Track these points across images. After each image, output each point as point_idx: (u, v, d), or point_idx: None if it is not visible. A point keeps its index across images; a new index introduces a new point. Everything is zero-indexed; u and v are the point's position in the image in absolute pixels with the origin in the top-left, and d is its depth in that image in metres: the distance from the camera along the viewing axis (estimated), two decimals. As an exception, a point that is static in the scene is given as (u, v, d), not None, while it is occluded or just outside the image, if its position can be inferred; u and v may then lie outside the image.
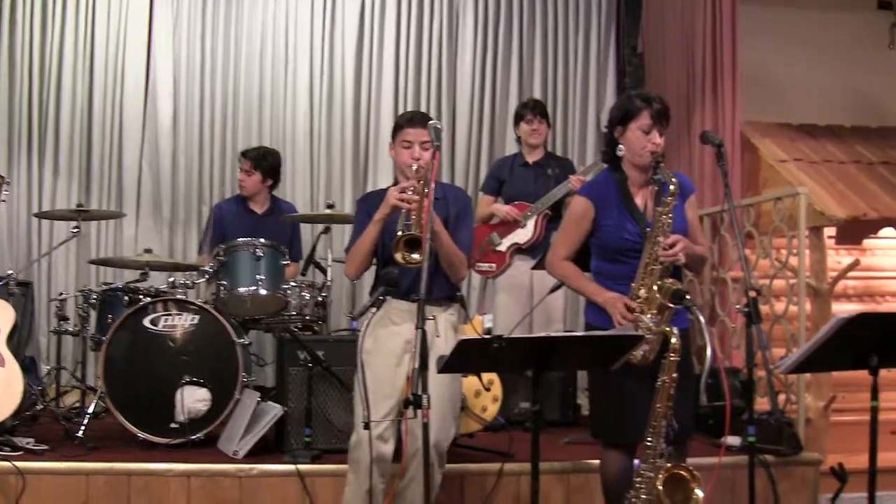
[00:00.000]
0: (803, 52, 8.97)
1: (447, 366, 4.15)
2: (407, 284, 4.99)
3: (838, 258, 7.65)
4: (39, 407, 6.95)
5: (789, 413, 6.59)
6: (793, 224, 6.77)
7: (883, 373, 4.35)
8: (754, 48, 8.42)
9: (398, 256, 4.69)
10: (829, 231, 7.16)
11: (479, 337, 3.97)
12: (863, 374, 4.36)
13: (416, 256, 4.67)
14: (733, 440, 6.26)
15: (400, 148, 5.17)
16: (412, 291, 4.95)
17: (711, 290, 7.69)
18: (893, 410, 7.55)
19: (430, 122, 4.84)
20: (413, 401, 4.01)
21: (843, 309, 7.38)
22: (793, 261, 6.78)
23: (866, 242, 7.73)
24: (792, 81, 8.89)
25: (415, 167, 5.02)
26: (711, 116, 8.07)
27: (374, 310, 4.56)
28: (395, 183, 5.19)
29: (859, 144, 8.31)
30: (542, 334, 4.24)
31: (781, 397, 6.59)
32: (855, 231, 7.07)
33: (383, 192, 5.22)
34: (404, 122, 5.22)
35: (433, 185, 4.63)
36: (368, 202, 5.33)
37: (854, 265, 6.83)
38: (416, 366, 4.04)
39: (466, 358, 4.12)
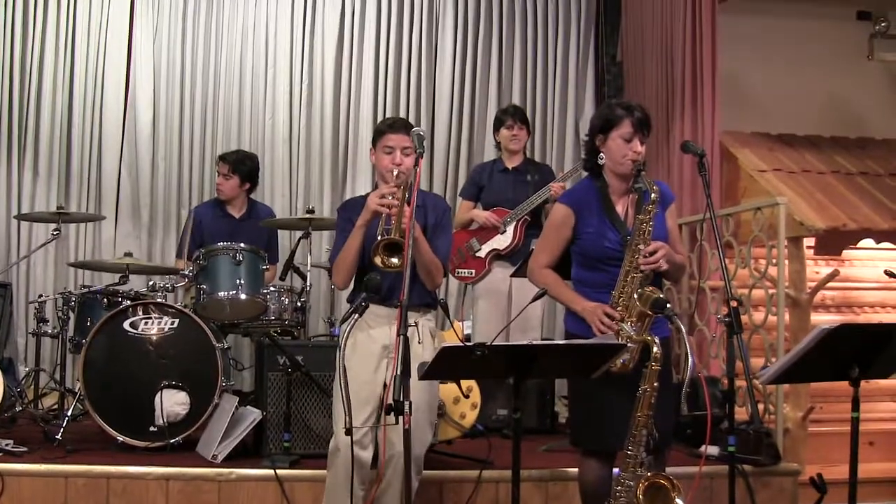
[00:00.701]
0: (782, 62, 9.00)
1: (428, 372, 4.15)
2: (385, 290, 4.99)
3: (816, 269, 7.67)
4: (18, 409, 6.94)
5: (767, 423, 6.59)
6: (772, 234, 6.78)
7: (861, 382, 4.37)
8: (733, 58, 8.44)
9: (377, 260, 4.70)
10: (808, 241, 7.17)
11: (461, 344, 3.95)
12: (840, 385, 4.38)
13: (395, 261, 4.69)
14: (712, 450, 6.28)
15: (381, 153, 5.16)
16: (391, 297, 4.97)
17: (690, 299, 7.69)
18: (872, 421, 7.65)
19: (414, 129, 4.83)
20: (394, 407, 4.00)
21: (822, 319, 7.44)
22: (772, 271, 6.80)
23: (845, 253, 7.76)
24: (770, 91, 8.92)
25: (396, 172, 5.02)
26: (691, 125, 8.07)
27: (356, 316, 4.55)
28: (375, 188, 5.19)
29: (838, 155, 8.34)
30: (525, 342, 4.23)
31: (760, 407, 6.59)
32: (834, 241, 7.09)
33: (363, 198, 5.23)
34: (385, 127, 5.21)
35: (415, 193, 4.63)
36: (349, 209, 5.33)
37: (833, 275, 6.84)
38: (398, 372, 4.03)
39: (448, 365, 4.10)
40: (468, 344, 3.91)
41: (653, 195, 4.73)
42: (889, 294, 8.23)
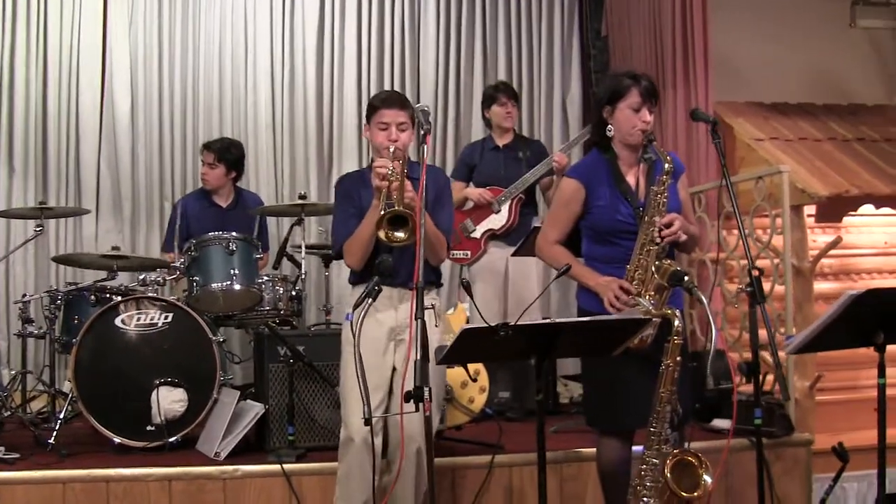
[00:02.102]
0: (767, 31, 8.88)
1: (448, 355, 4.03)
2: (399, 271, 4.87)
3: (814, 237, 7.57)
4: (6, 413, 6.75)
5: (777, 394, 6.50)
6: (773, 203, 6.69)
7: (861, 350, 4.32)
8: (719, 29, 8.32)
9: (381, 234, 4.57)
10: (808, 209, 7.08)
11: (482, 326, 3.81)
12: (843, 353, 4.33)
13: (400, 234, 4.57)
14: (723, 423, 6.21)
15: (375, 129, 5.03)
16: (395, 277, 4.85)
17: (689, 271, 7.59)
18: (874, 388, 7.55)
19: (417, 105, 4.71)
20: (414, 394, 3.87)
21: (821, 288, 7.37)
22: (776, 240, 6.71)
23: (843, 220, 7.68)
24: (757, 61, 8.80)
25: (392, 149, 4.88)
26: (683, 96, 7.97)
27: (369, 300, 4.39)
28: (371, 166, 5.05)
29: (833, 122, 8.25)
30: (549, 320, 4.10)
31: (769, 378, 6.49)
32: (836, 208, 7.00)
33: (360, 173, 5.22)
34: (379, 102, 5.08)
35: (424, 169, 4.49)
36: (346, 184, 5.25)
37: (836, 243, 6.75)
38: (418, 357, 3.90)
39: (468, 347, 3.99)
40: (492, 325, 3.77)
41: (666, 165, 4.65)
42: (887, 260, 8.14)
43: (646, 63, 8.51)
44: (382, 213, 4.59)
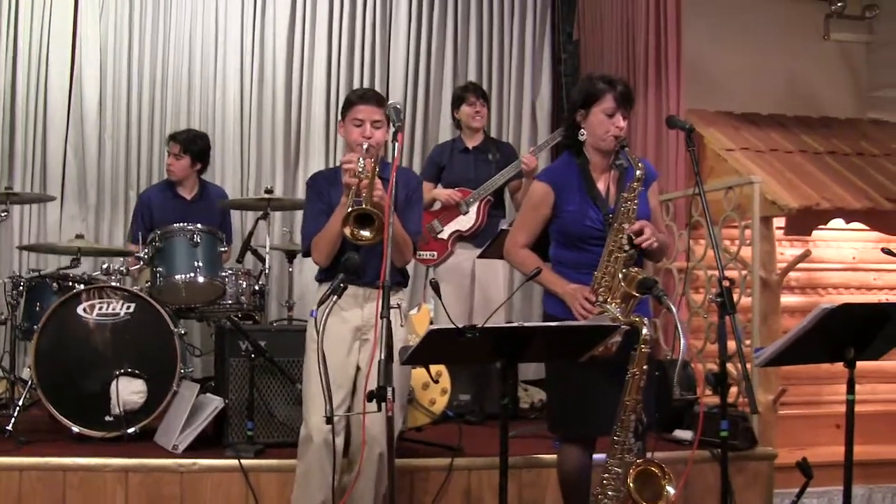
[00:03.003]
0: (741, 41, 8.91)
1: (413, 356, 4.00)
2: (365, 269, 4.81)
3: (781, 250, 7.57)
4: (-34, 399, 6.70)
5: (741, 407, 6.48)
6: (743, 214, 6.68)
7: (825, 365, 4.29)
8: (692, 37, 8.30)
9: (347, 232, 4.55)
10: (777, 222, 7.07)
11: (450, 327, 3.77)
12: (806, 367, 4.30)
13: (365, 233, 4.57)
14: (684, 434, 6.19)
15: (350, 126, 5.01)
16: (361, 276, 4.77)
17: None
18: (839, 404, 7.56)
19: (390, 102, 4.66)
20: (377, 393, 3.82)
21: (788, 301, 7.37)
22: (744, 251, 6.70)
23: (812, 234, 7.67)
24: (730, 71, 8.81)
25: (366, 146, 4.86)
26: (655, 104, 7.97)
27: (334, 297, 4.35)
28: None
29: (804, 134, 8.25)
30: (516, 324, 4.06)
31: (733, 390, 6.47)
32: (805, 221, 6.98)
33: (332, 171, 5.18)
34: (356, 98, 5.06)
35: (395, 167, 4.44)
36: (318, 181, 5.22)
37: (805, 256, 6.74)
38: (383, 356, 3.85)
39: (435, 348, 3.95)
40: (459, 326, 3.73)
41: (637, 172, 4.63)
42: (853, 276, 8.15)
43: (617, 68, 8.50)
44: (349, 210, 4.56)
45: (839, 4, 9.26)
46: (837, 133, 8.47)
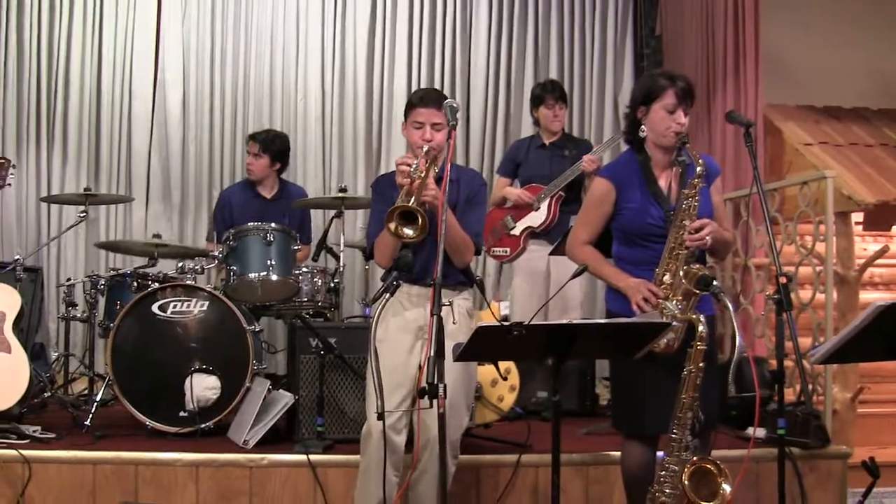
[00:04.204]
0: (824, 34, 8.78)
1: (463, 353, 4.00)
2: (419, 269, 4.85)
3: (864, 245, 7.46)
4: (47, 394, 6.85)
5: (816, 404, 6.40)
6: (819, 209, 6.59)
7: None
8: (774, 30, 8.23)
9: (391, 227, 4.51)
10: (856, 217, 6.96)
11: (496, 324, 3.78)
12: (889, 365, 4.21)
13: (408, 231, 4.49)
14: (759, 432, 6.11)
15: (411, 128, 5.00)
16: (425, 276, 4.82)
17: (734, 277, 7.52)
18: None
19: (446, 101, 4.66)
20: (428, 390, 3.84)
21: (870, 298, 7.23)
22: (819, 247, 6.61)
23: (893, 229, 7.54)
24: (813, 64, 8.69)
25: (426, 149, 4.84)
26: (733, 99, 7.91)
27: (387, 296, 4.38)
28: None
29: (887, 127, 8.12)
30: (564, 321, 4.06)
31: (808, 388, 6.41)
32: (883, 216, 6.88)
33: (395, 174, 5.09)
34: (417, 100, 5.03)
35: (448, 167, 4.44)
36: (382, 184, 5.21)
37: (883, 252, 6.65)
38: (432, 353, 3.87)
39: (483, 345, 3.95)
40: (505, 324, 3.74)
41: (698, 168, 4.59)
42: (940, 271, 8.02)
43: (697, 63, 8.45)
44: (393, 207, 4.56)
45: (926, -6, 9.09)
46: (922, 126, 8.32)
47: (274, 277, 6.62)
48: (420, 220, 4.44)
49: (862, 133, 7.92)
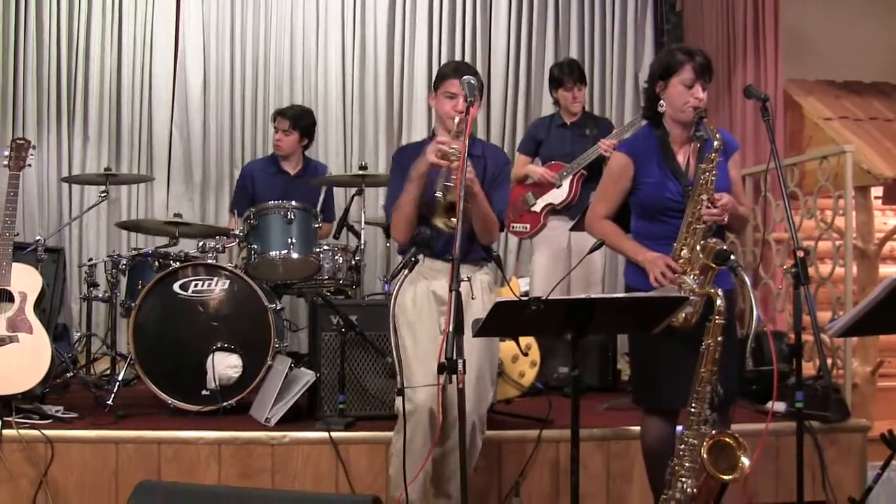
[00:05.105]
0: (845, 7, 8.76)
1: (483, 328, 4.01)
2: (441, 245, 4.85)
3: (884, 219, 7.44)
4: (70, 375, 6.88)
5: (836, 378, 6.39)
6: (838, 184, 6.57)
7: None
8: (794, 5, 8.21)
9: (439, 223, 4.51)
10: (876, 191, 6.94)
11: (515, 299, 3.80)
12: None
13: (454, 220, 4.48)
14: (778, 406, 6.11)
15: (442, 98, 4.99)
16: (446, 251, 4.81)
17: (754, 252, 7.50)
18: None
19: (465, 76, 4.67)
20: (447, 366, 3.86)
21: (891, 272, 7.22)
22: (839, 221, 6.59)
23: (914, 203, 7.53)
24: (833, 39, 8.66)
25: (457, 120, 4.83)
26: (753, 74, 7.91)
27: (405, 272, 4.39)
28: (433, 135, 5.04)
29: (907, 102, 8.10)
30: (582, 296, 4.07)
31: (828, 362, 6.40)
32: (903, 191, 6.87)
33: (419, 144, 5.11)
34: (450, 71, 5.02)
35: (465, 142, 4.44)
36: (403, 156, 5.18)
37: (903, 226, 6.63)
38: (451, 329, 3.88)
39: (503, 320, 3.97)
40: (523, 299, 3.76)
41: (715, 143, 4.58)
42: (961, 244, 7.98)
43: (717, 39, 8.44)
44: (438, 197, 4.53)
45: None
46: (942, 100, 8.28)
47: (295, 256, 6.64)
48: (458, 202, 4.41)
49: (882, 107, 7.90)
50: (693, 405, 4.43)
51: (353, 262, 7.11)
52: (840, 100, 7.94)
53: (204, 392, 6.16)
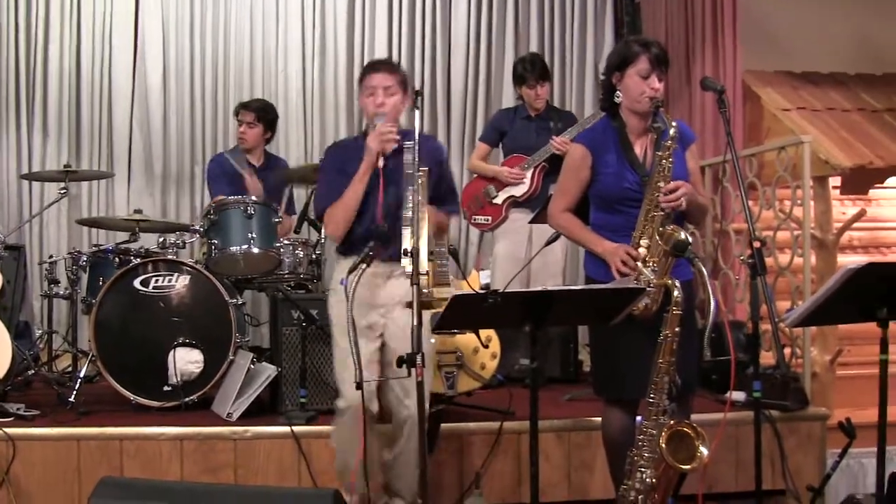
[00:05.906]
0: (803, -1, 8.79)
1: (441, 322, 4.03)
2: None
3: (843, 209, 7.50)
4: (32, 372, 6.84)
5: (795, 367, 6.45)
6: (796, 174, 6.62)
7: (891, 325, 4.22)
8: (752, -5, 8.25)
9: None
10: (834, 181, 6.99)
11: (473, 292, 3.81)
12: (868, 327, 4.24)
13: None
14: (738, 396, 6.15)
15: (364, 97, 5.05)
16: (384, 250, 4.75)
17: (714, 242, 7.55)
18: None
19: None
20: (406, 359, 3.88)
21: (849, 261, 7.26)
22: (797, 212, 6.64)
23: (871, 193, 7.57)
24: (792, 29, 8.69)
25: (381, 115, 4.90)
26: (712, 65, 7.92)
27: (363, 266, 4.40)
28: (366, 133, 5.04)
29: (864, 92, 8.14)
30: (539, 288, 4.09)
31: (787, 351, 6.44)
32: (860, 180, 6.92)
33: (352, 141, 5.22)
34: (368, 68, 5.10)
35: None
36: (336, 153, 5.25)
37: (860, 215, 6.69)
38: (414, 322, 3.91)
39: (461, 314, 3.98)
40: (481, 292, 3.78)
41: (671, 131, 4.59)
42: (919, 233, 8.06)
43: (676, 30, 8.47)
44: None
45: (909, -43, 9.08)
46: (899, 90, 8.34)
47: (255, 250, 6.62)
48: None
49: (839, 98, 7.95)
50: (651, 395, 4.46)
51: (314, 257, 7.12)
52: (798, 91, 7.99)
53: (166, 388, 6.17)
